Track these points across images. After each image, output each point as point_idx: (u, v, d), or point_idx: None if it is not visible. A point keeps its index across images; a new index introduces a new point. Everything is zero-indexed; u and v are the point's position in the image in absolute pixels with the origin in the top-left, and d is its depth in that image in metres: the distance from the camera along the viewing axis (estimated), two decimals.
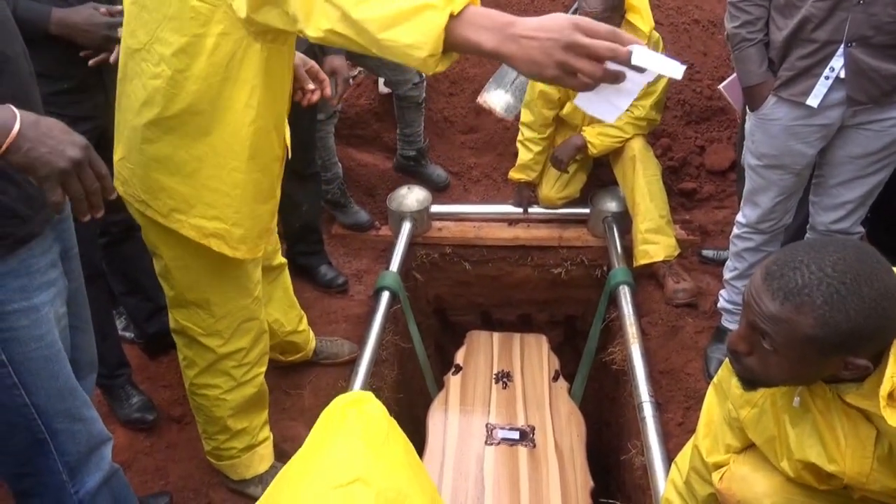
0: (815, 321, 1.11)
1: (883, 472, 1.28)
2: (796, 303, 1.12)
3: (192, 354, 1.89)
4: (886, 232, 2.52)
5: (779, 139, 2.08)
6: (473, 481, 2.46)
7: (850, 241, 1.18)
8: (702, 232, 3.17)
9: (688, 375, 2.46)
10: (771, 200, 2.20)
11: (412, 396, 3.15)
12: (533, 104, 2.99)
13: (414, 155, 3.38)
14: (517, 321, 3.52)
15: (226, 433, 2.01)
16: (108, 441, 1.52)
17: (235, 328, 1.85)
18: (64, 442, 1.41)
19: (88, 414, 1.46)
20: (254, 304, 1.87)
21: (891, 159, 2.03)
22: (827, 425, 1.30)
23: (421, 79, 3.16)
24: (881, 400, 1.15)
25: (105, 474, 1.51)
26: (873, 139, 1.98)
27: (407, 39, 1.07)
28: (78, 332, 1.56)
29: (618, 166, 3.01)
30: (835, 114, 1.98)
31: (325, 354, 2.57)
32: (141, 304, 2.45)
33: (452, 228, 3.28)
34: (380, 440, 1.07)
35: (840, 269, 1.10)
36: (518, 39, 1.04)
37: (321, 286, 2.95)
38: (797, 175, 2.14)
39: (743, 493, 1.48)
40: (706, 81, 3.44)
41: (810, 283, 1.11)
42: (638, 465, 2.34)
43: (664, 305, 2.79)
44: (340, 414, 1.11)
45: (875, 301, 1.10)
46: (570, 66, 1.02)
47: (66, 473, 1.44)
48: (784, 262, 1.15)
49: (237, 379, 1.93)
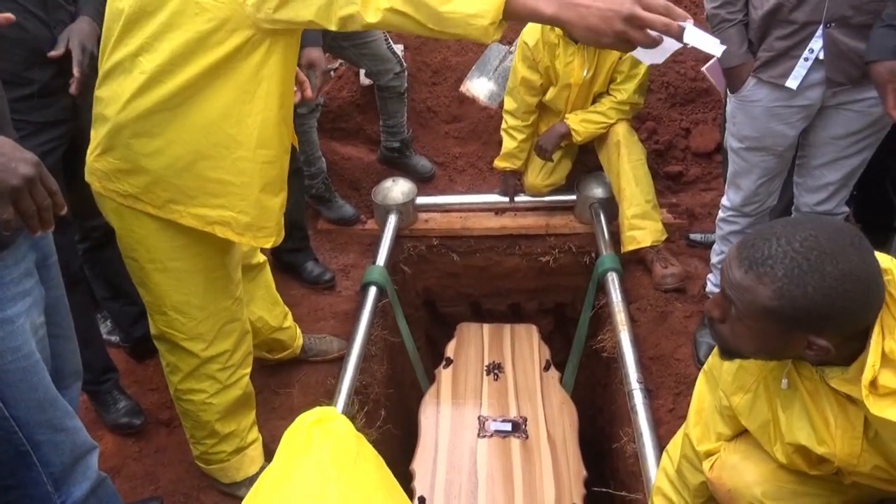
0: (773, 293, 1.13)
1: (873, 453, 1.27)
2: (758, 272, 1.14)
3: (175, 360, 1.87)
4: (873, 211, 2.52)
5: (760, 121, 2.06)
6: (467, 474, 2.46)
7: (832, 222, 1.17)
8: (689, 215, 3.15)
9: (677, 361, 2.45)
10: (754, 183, 2.18)
11: (403, 391, 3.14)
12: (515, 91, 2.97)
13: (398, 146, 3.35)
14: (507, 311, 3.51)
15: (214, 437, 1.99)
16: (93, 450, 1.50)
17: (218, 331, 1.83)
18: (47, 453, 1.39)
19: (71, 424, 1.43)
20: (235, 306, 1.85)
21: (871, 140, 2.02)
22: (816, 407, 1.29)
23: (402, 69, 3.13)
24: (863, 388, 1.15)
25: (92, 483, 1.49)
26: (854, 119, 1.97)
27: (469, 10, 1.16)
28: (60, 340, 1.54)
29: (602, 152, 2.99)
30: (815, 94, 1.96)
31: (313, 352, 2.55)
32: (125, 309, 2.42)
33: (439, 220, 3.25)
34: (350, 460, 1.02)
35: (807, 246, 1.11)
36: (576, 7, 1.15)
37: (308, 283, 2.93)
38: (779, 157, 2.12)
39: (734, 482, 1.48)
40: (690, 63, 3.42)
41: (775, 255, 1.13)
42: (630, 453, 2.34)
43: (653, 291, 2.78)
44: (306, 435, 1.05)
45: (836, 281, 1.09)
46: (627, 37, 1.13)
47: (52, 485, 1.41)
48: (759, 233, 1.17)
49: (222, 382, 1.90)
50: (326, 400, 2.41)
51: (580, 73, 2.82)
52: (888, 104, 1.77)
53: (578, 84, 2.86)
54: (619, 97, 2.88)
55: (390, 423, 2.71)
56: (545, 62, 2.85)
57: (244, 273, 2.00)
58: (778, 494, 1.44)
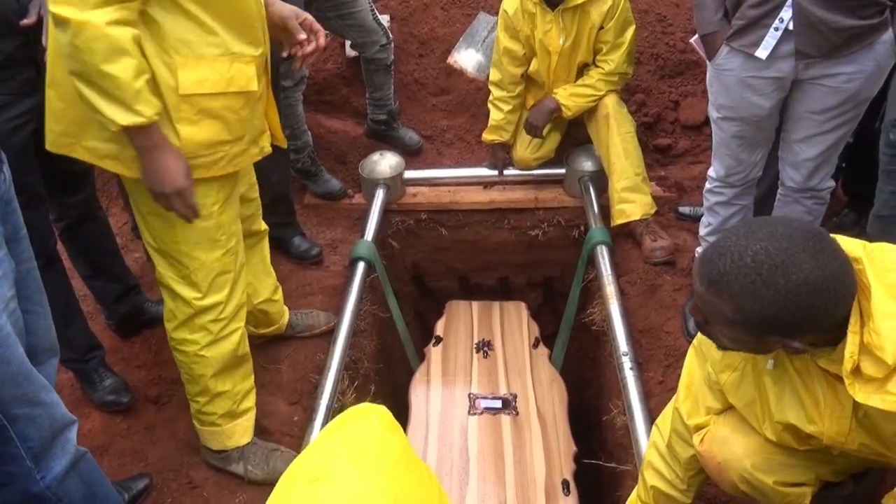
0: (732, 308, 1.15)
1: (861, 434, 1.28)
2: (717, 289, 1.16)
3: (173, 307, 1.90)
4: (864, 182, 2.51)
5: (734, 90, 2.05)
6: (458, 451, 2.47)
7: (787, 226, 1.15)
8: (678, 188, 3.15)
9: (667, 334, 2.46)
10: (734, 152, 2.18)
11: (392, 365, 3.14)
12: (499, 62, 2.93)
13: (385, 119, 3.31)
14: (496, 285, 3.50)
15: (206, 395, 2.00)
16: (72, 424, 1.49)
17: (211, 281, 1.86)
18: (24, 427, 1.37)
19: (48, 398, 1.42)
20: (227, 257, 1.87)
21: (848, 117, 1.99)
22: (805, 386, 1.30)
23: (388, 41, 3.07)
24: (845, 378, 1.16)
25: (71, 458, 1.48)
26: (829, 95, 1.95)
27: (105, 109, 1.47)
28: (32, 315, 1.53)
29: (592, 125, 2.96)
30: (786, 66, 1.94)
31: (300, 327, 2.54)
32: (108, 286, 2.39)
33: (427, 194, 3.23)
34: (366, 445, 1.03)
35: (759, 260, 1.11)
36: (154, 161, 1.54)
37: (295, 258, 2.90)
38: (757, 127, 2.11)
39: (723, 455, 1.49)
40: (679, 34, 3.38)
41: (730, 272, 1.14)
42: (620, 425, 2.36)
43: (642, 264, 2.77)
44: (340, 421, 1.09)
45: (791, 293, 1.10)
46: (169, 204, 1.62)
47: (31, 460, 1.40)
48: (715, 247, 1.18)
49: (214, 334, 1.92)
50: (316, 376, 2.40)
51: (557, 41, 2.79)
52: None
53: (557, 52, 2.82)
54: (607, 68, 2.84)
55: (380, 398, 2.71)
56: (525, 31, 2.81)
57: (244, 239, 2.02)
58: (767, 467, 1.45)
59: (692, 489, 1.64)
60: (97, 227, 2.29)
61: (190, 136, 1.65)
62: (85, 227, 2.22)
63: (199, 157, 1.68)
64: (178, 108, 1.61)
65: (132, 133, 1.54)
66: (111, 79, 1.45)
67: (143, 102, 1.49)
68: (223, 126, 1.69)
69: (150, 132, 1.54)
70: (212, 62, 1.61)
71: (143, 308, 2.50)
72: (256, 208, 2.19)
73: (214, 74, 1.62)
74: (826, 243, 1.13)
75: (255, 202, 2.17)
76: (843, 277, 1.12)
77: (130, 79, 1.46)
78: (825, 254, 1.12)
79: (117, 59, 1.44)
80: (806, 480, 1.47)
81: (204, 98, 1.63)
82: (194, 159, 1.68)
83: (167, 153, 1.59)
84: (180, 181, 1.61)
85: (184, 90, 1.59)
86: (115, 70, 1.44)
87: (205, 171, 1.72)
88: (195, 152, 1.67)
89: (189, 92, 1.60)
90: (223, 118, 1.68)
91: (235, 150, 1.75)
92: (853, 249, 1.17)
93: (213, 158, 1.71)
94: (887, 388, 1.12)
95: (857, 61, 1.88)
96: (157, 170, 1.59)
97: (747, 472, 1.46)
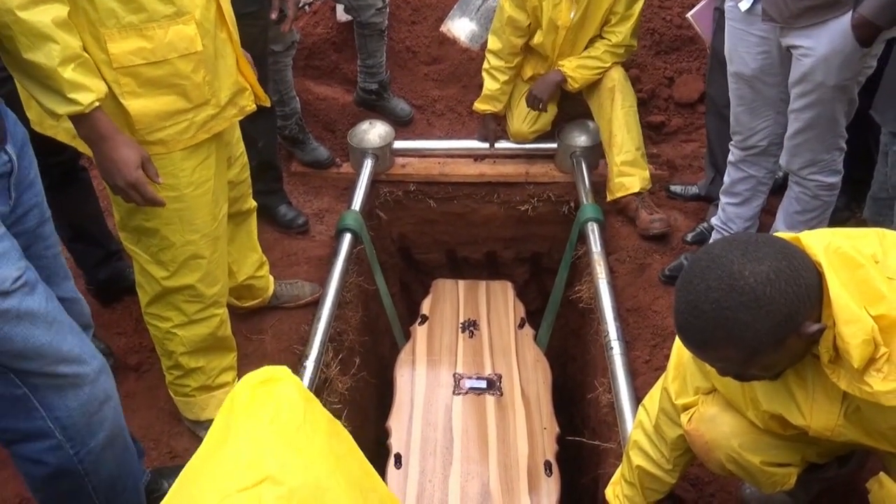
0: (736, 349, 1.16)
1: (848, 428, 1.27)
2: (708, 347, 1.20)
3: (142, 280, 1.86)
4: (858, 168, 2.48)
5: (731, 40, 2.13)
6: (442, 431, 2.46)
7: (707, 255, 1.18)
8: (669, 166, 3.12)
9: (655, 313, 2.45)
10: (736, 111, 2.23)
11: (377, 338, 3.12)
12: (501, 31, 2.86)
13: (375, 88, 3.24)
14: (483, 259, 3.48)
15: (179, 370, 1.98)
16: (108, 400, 1.46)
17: (181, 263, 1.80)
18: (47, 397, 1.35)
19: (69, 370, 1.37)
20: (202, 241, 1.80)
21: (810, 100, 1.96)
22: (797, 377, 1.28)
23: (384, 4, 3.00)
24: (826, 368, 1.17)
25: (108, 434, 1.46)
26: (796, 66, 1.96)
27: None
28: (66, 302, 1.48)
29: (594, 97, 2.92)
30: (766, 27, 1.99)
31: (285, 298, 2.50)
32: (88, 251, 2.34)
33: (416, 165, 3.18)
34: (293, 427, 0.93)
35: (713, 297, 1.13)
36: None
37: (281, 227, 2.85)
38: (751, 88, 2.14)
39: (711, 434, 1.48)
40: (676, 9, 3.34)
41: (705, 329, 1.16)
42: (605, 403, 2.35)
43: (632, 242, 2.75)
44: (249, 397, 0.96)
45: (759, 299, 1.10)
46: (127, 196, 1.54)
47: (61, 433, 1.39)
48: (678, 315, 1.20)
49: (188, 315, 1.88)
50: (300, 347, 2.37)
51: (567, 15, 2.73)
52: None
53: (566, 27, 2.76)
54: (614, 39, 2.80)
55: (365, 370, 2.69)
56: (533, 2, 2.75)
57: (231, 218, 1.96)
58: (755, 446, 1.44)
59: (678, 469, 1.64)
60: (80, 188, 2.23)
61: (140, 109, 1.56)
62: (68, 188, 2.16)
63: (159, 131, 1.60)
64: (119, 82, 1.52)
65: (75, 122, 1.45)
66: (36, 67, 1.34)
67: (77, 90, 1.37)
68: (177, 94, 1.59)
69: (93, 121, 1.44)
70: (142, 30, 1.50)
71: (123, 274, 2.45)
72: (247, 188, 2.12)
73: (150, 42, 1.51)
74: (749, 243, 1.15)
75: (246, 182, 2.10)
76: (788, 252, 1.14)
77: (56, 66, 1.34)
78: (753, 249, 1.13)
79: (39, 47, 1.32)
80: (792, 461, 1.46)
81: (144, 68, 1.53)
82: (154, 133, 1.60)
83: (116, 143, 1.48)
84: (131, 174, 1.50)
85: (117, 63, 1.50)
86: (39, 59, 1.33)
87: (174, 145, 1.64)
88: (152, 125, 1.59)
89: (124, 64, 1.51)
90: (174, 85, 1.58)
91: (202, 116, 1.66)
92: (815, 251, 1.16)
93: (177, 129, 1.63)
94: (864, 380, 1.12)
95: (811, 36, 1.88)
96: (107, 162, 1.49)
97: (735, 451, 1.45)
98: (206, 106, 1.66)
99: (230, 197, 1.96)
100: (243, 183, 2.08)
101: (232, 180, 1.98)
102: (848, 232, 1.23)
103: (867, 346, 1.10)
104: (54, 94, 1.38)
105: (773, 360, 1.20)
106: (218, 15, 1.65)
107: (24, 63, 1.35)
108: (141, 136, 1.60)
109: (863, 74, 1.96)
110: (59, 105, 1.39)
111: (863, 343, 1.10)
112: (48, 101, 1.39)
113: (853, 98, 2.00)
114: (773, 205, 2.46)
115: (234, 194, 2.01)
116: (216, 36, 1.65)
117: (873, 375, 1.12)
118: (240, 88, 1.77)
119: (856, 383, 1.14)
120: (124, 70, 1.51)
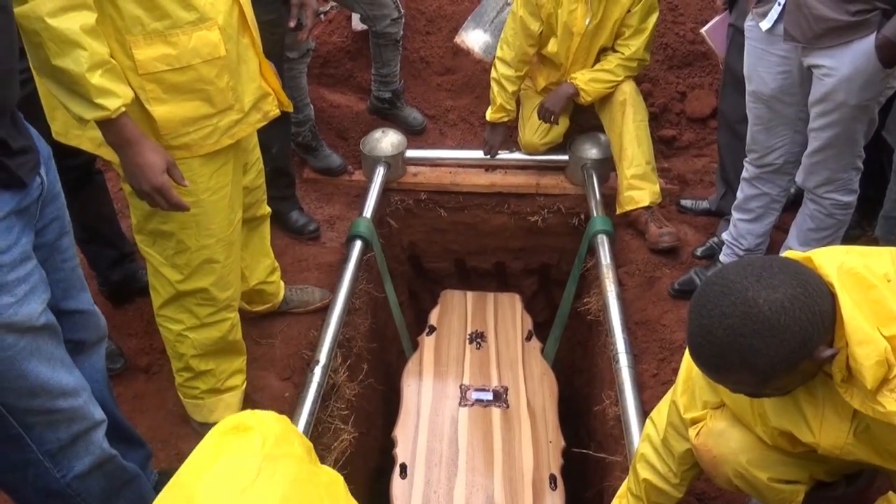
0: (749, 373, 1.17)
1: (857, 447, 1.27)
2: (721, 370, 1.20)
3: (155, 283, 1.87)
4: (872, 186, 2.48)
5: (750, 58, 2.14)
6: (448, 442, 2.47)
7: (720, 279, 1.18)
8: (680, 181, 3.12)
9: (663, 327, 2.45)
10: (753, 129, 2.23)
11: (385, 344, 3.13)
12: (514, 38, 2.85)
13: (389, 97, 3.26)
14: (492, 269, 3.48)
15: (189, 371, 1.99)
16: (96, 426, 1.44)
17: (195, 267, 1.81)
18: (41, 433, 1.35)
19: (66, 404, 1.36)
20: (217, 246, 1.82)
21: (830, 119, 1.96)
22: (807, 395, 1.28)
23: (399, 14, 3.02)
24: (839, 387, 1.17)
25: (96, 459, 1.45)
26: (817, 86, 1.96)
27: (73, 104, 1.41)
28: (82, 315, 1.51)
29: (605, 111, 2.93)
30: (787, 46, 1.99)
31: (294, 303, 2.51)
32: (102, 252, 2.36)
33: (428, 174, 3.19)
34: (242, 486, 0.93)
35: (727, 324, 1.13)
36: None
37: (292, 232, 2.87)
38: (768, 107, 2.14)
39: (719, 449, 1.48)
40: (689, 25, 3.35)
41: (719, 354, 1.16)
42: (611, 416, 2.35)
43: (641, 256, 2.76)
44: (213, 444, 0.97)
45: (773, 327, 1.11)
46: (152, 200, 1.57)
47: (49, 460, 1.38)
48: (693, 335, 1.20)
49: (200, 318, 1.90)
50: (309, 352, 2.38)
51: (582, 21, 2.73)
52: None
53: (581, 34, 2.77)
54: (627, 52, 2.81)
55: (372, 377, 2.70)
56: (548, 8, 2.75)
57: (245, 223, 1.98)
58: (762, 462, 1.44)
59: (685, 483, 1.64)
60: (95, 190, 2.25)
61: (165, 115, 1.58)
62: (83, 191, 2.18)
63: (183, 136, 1.62)
64: (144, 88, 1.54)
65: (102, 127, 1.47)
66: (65, 73, 1.36)
67: (104, 95, 1.40)
68: (202, 100, 1.61)
69: (119, 127, 1.46)
70: (167, 37, 1.52)
71: (136, 276, 2.47)
72: (262, 194, 2.14)
73: (174, 48, 1.53)
74: (764, 268, 1.15)
75: (261, 188, 2.12)
76: (802, 277, 1.14)
77: (84, 72, 1.36)
78: (768, 276, 1.13)
79: (68, 53, 1.34)
80: (800, 478, 1.46)
81: (168, 74, 1.55)
82: (178, 138, 1.62)
83: (142, 148, 1.50)
84: (157, 178, 1.52)
85: (143, 70, 1.52)
86: (67, 65, 1.35)
87: (198, 149, 1.66)
88: (177, 130, 1.61)
89: (149, 71, 1.53)
90: (199, 91, 1.60)
91: (226, 121, 1.68)
92: (828, 271, 1.16)
93: (201, 134, 1.65)
94: (878, 400, 1.13)
95: (834, 57, 1.88)
96: (133, 167, 1.51)
97: (742, 466, 1.45)
98: (229, 111, 1.69)
99: (245, 202, 1.98)
100: (258, 189, 2.10)
101: (247, 186, 1.99)
102: (861, 250, 1.23)
103: (880, 367, 1.10)
104: (82, 100, 1.40)
105: (786, 382, 1.20)
106: (241, 20, 1.67)
107: (52, 69, 1.36)
108: (166, 140, 1.62)
109: (884, 95, 1.96)
110: (86, 110, 1.41)
111: (876, 364, 1.10)
112: (76, 107, 1.41)
113: (873, 118, 2.00)
114: (785, 221, 2.45)
115: (248, 200, 2.03)
116: (239, 41, 1.67)
117: (886, 396, 1.12)
118: (263, 94, 1.79)
119: (869, 403, 1.14)
120: (150, 76, 1.53)
